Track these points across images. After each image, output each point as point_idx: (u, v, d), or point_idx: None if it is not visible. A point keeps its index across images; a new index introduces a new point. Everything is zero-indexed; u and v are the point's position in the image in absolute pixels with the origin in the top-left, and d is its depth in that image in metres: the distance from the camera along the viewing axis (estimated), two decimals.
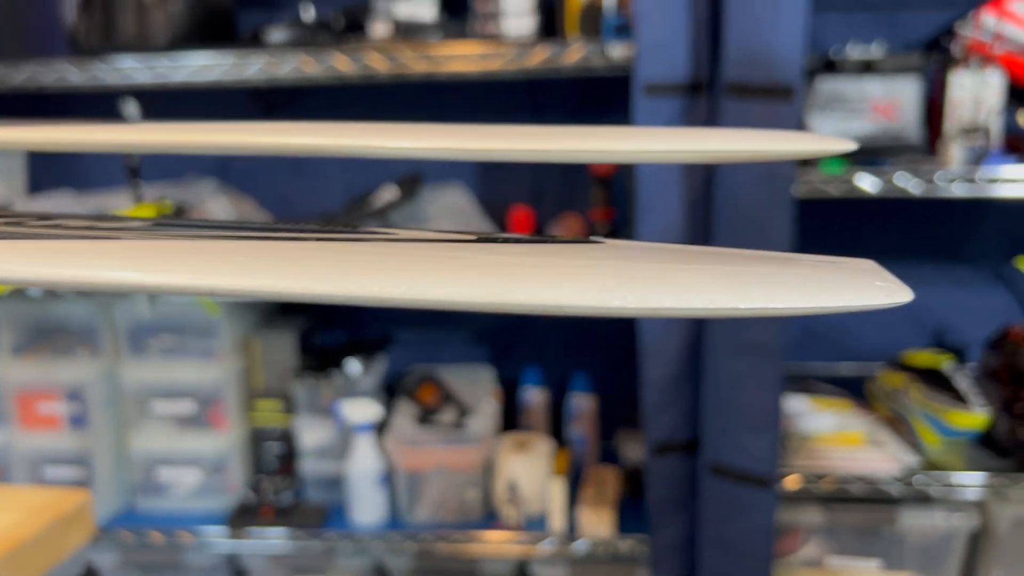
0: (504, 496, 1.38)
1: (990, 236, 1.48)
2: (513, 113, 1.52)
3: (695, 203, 1.19)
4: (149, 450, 1.45)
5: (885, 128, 1.32)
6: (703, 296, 0.17)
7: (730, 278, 0.18)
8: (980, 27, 1.31)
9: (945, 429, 1.26)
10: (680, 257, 0.20)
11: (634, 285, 0.17)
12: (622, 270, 0.18)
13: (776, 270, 0.19)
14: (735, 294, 0.17)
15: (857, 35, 1.40)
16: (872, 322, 1.52)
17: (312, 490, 1.46)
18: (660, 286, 0.17)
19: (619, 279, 0.18)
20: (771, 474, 1.21)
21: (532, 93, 1.52)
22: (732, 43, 1.12)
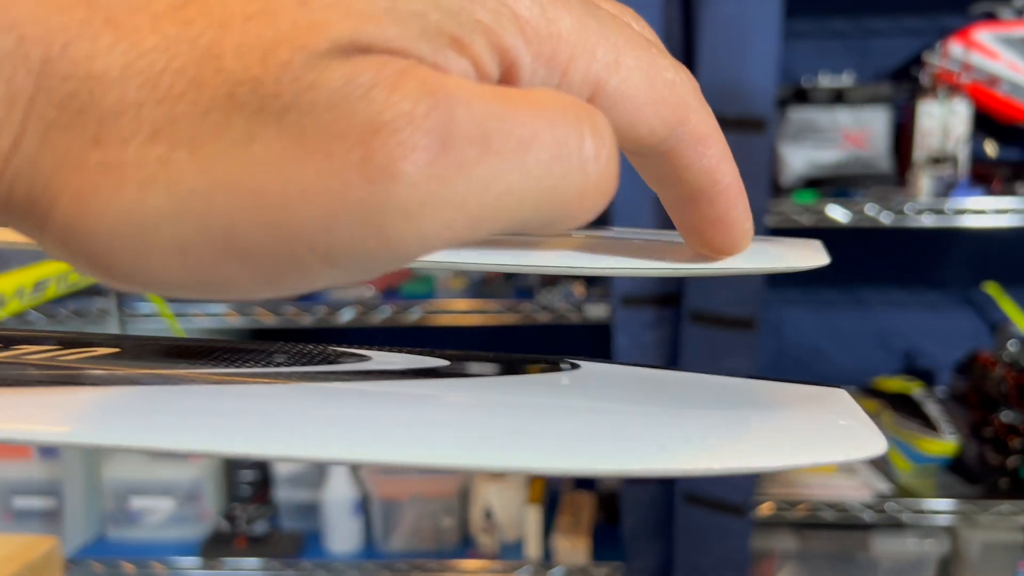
0: (480, 524, 1.38)
1: (959, 262, 1.50)
2: None
3: None
4: (121, 479, 1.43)
5: (856, 157, 1.34)
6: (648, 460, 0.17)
7: (684, 440, 0.18)
8: (948, 57, 1.33)
9: (916, 455, 1.28)
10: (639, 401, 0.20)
11: (587, 446, 0.17)
12: (581, 424, 0.18)
13: (738, 424, 0.19)
14: (689, 457, 0.17)
15: (828, 63, 1.42)
16: (843, 347, 1.54)
17: (287, 518, 1.45)
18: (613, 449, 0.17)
19: (576, 438, 0.18)
20: (745, 502, 1.21)
21: None
22: (705, 77, 1.13)
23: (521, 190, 0.14)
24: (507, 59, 0.15)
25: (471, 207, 0.13)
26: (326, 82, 0.13)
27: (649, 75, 0.17)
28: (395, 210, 0.13)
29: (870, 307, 1.52)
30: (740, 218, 0.20)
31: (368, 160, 0.13)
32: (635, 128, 0.17)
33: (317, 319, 1.33)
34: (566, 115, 0.15)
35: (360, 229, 0.13)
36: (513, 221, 0.14)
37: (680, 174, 0.19)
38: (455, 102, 0.13)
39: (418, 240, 0.13)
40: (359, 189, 0.13)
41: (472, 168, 0.13)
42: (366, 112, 0.13)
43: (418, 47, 0.14)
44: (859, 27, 1.44)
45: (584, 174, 0.15)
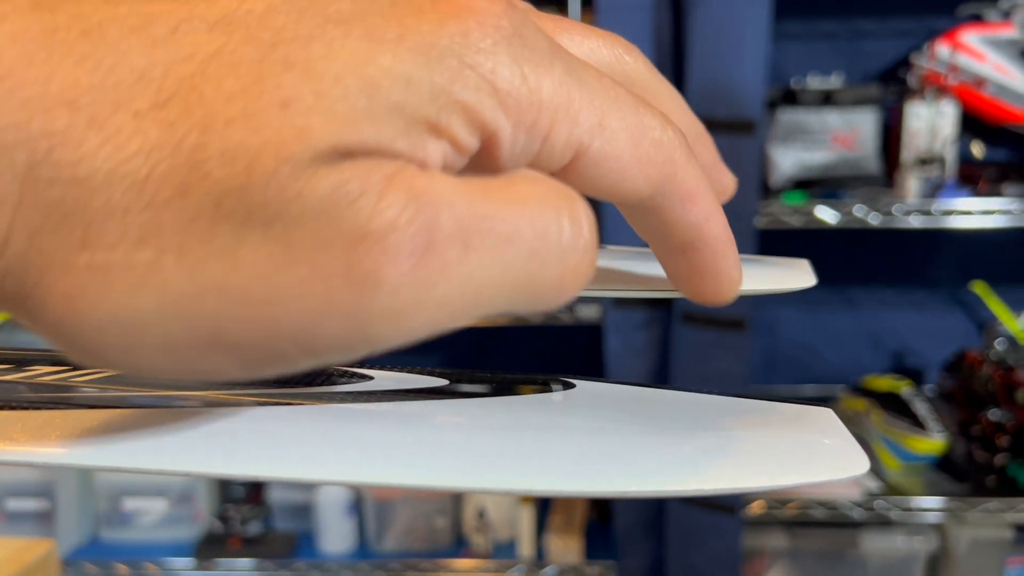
0: (473, 523, 1.39)
1: (948, 261, 1.51)
2: None
3: None
4: (114, 480, 1.43)
5: (844, 158, 1.35)
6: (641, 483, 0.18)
7: (681, 457, 0.19)
8: (935, 58, 1.34)
9: (904, 454, 1.29)
10: (631, 423, 0.20)
11: (581, 468, 0.18)
12: (575, 446, 0.19)
13: (726, 445, 0.20)
14: (680, 479, 0.18)
15: (817, 65, 1.43)
16: (834, 346, 1.55)
17: (280, 519, 1.45)
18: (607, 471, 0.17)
19: (571, 460, 0.18)
20: (736, 500, 1.22)
21: None
22: (695, 79, 1.14)
23: (500, 283, 0.14)
24: (487, 132, 0.15)
25: (452, 303, 0.14)
26: (313, 191, 0.13)
27: (634, 136, 0.17)
28: (379, 313, 0.13)
29: (860, 307, 1.53)
30: (728, 269, 0.20)
31: (353, 268, 0.13)
32: (619, 187, 0.18)
33: None
34: (545, 208, 0.15)
35: (344, 330, 0.14)
36: (492, 310, 0.15)
37: (666, 228, 0.19)
38: (439, 205, 0.14)
39: (399, 336, 0.14)
40: (344, 295, 0.13)
41: (454, 268, 0.14)
42: (353, 221, 0.13)
43: (397, 145, 0.14)
44: (848, 29, 1.45)
45: (562, 263, 0.15)
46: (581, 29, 0.21)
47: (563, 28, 0.20)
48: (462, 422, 0.19)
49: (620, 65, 0.21)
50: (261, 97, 0.13)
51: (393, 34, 0.14)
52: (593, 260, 0.16)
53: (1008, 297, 1.38)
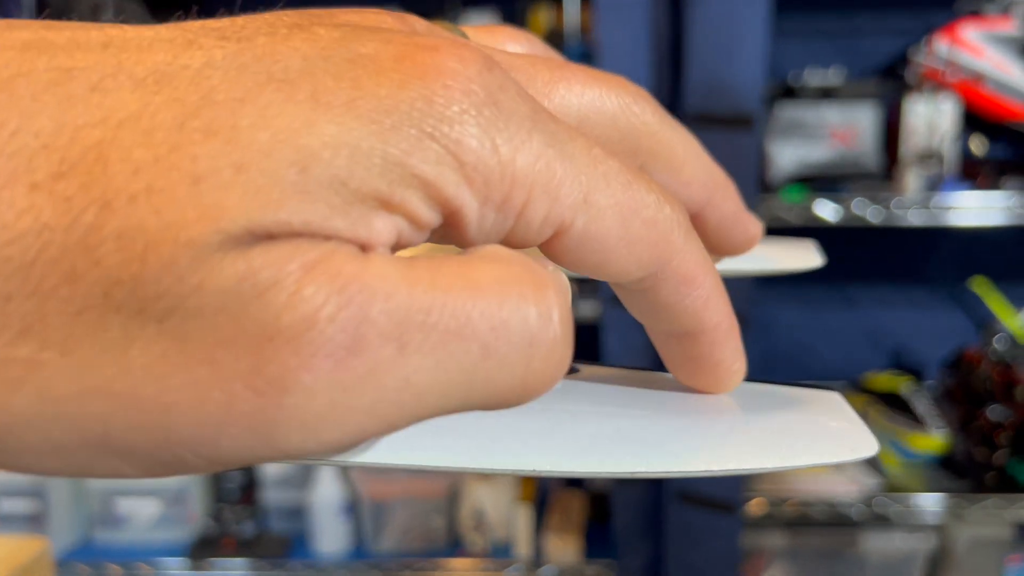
0: (470, 523, 1.38)
1: (947, 258, 1.51)
2: None
3: None
4: (107, 481, 1.42)
5: (843, 154, 1.34)
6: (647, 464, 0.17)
7: (690, 439, 0.18)
8: (933, 54, 1.33)
9: (904, 451, 1.28)
10: (636, 405, 0.20)
11: (588, 449, 0.17)
12: (580, 428, 0.18)
13: (732, 426, 0.19)
14: (686, 460, 0.17)
15: (817, 62, 1.42)
16: (834, 343, 1.54)
17: (275, 520, 1.44)
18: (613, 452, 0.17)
19: (577, 441, 0.18)
20: (736, 499, 1.22)
21: None
22: (694, 75, 1.13)
23: (444, 386, 0.13)
24: (450, 208, 0.14)
25: (384, 411, 0.12)
26: (214, 283, 0.12)
27: (624, 214, 0.15)
28: (287, 424, 0.12)
29: (859, 305, 1.53)
30: (728, 359, 0.19)
31: (258, 371, 0.12)
32: (605, 268, 0.16)
33: None
34: (506, 296, 0.13)
35: (250, 441, 0.12)
36: (439, 413, 0.13)
37: (660, 313, 0.18)
38: (371, 297, 0.12)
39: (319, 448, 0.12)
40: (246, 403, 0.12)
41: (386, 371, 0.12)
42: (259, 317, 0.12)
43: (333, 224, 0.12)
44: (847, 25, 1.44)
45: (526, 362, 0.13)
46: (584, 78, 0.19)
47: (562, 78, 0.18)
48: None
49: (626, 116, 0.19)
50: (171, 171, 0.12)
51: (344, 98, 0.13)
52: (565, 357, 0.14)
53: (1008, 294, 1.38)
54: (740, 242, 0.22)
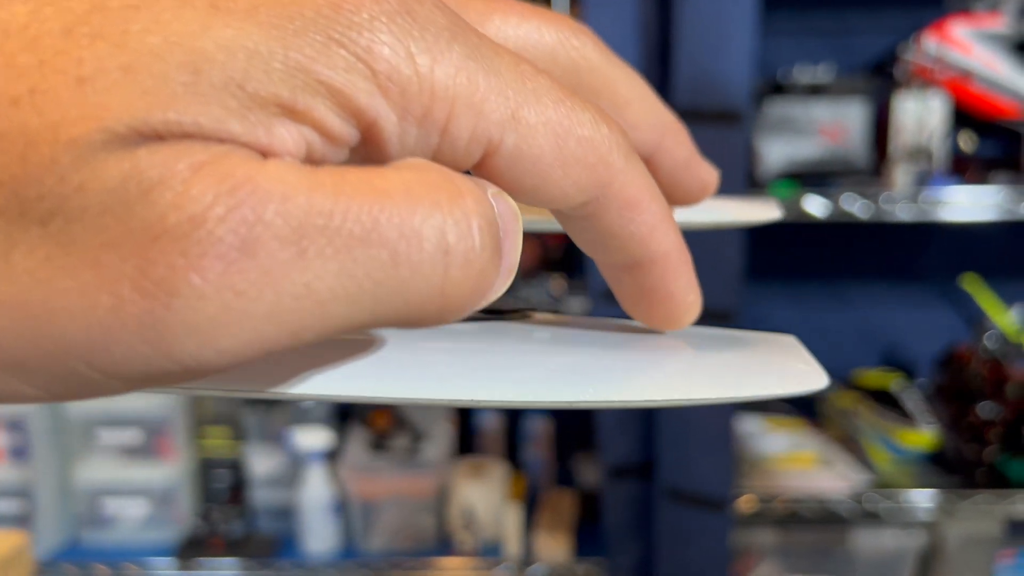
0: (459, 522, 1.37)
1: (937, 256, 1.51)
2: None
3: None
4: (94, 481, 1.41)
5: (832, 151, 1.34)
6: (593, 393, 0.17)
7: (636, 371, 0.18)
8: (922, 51, 1.33)
9: (894, 448, 1.28)
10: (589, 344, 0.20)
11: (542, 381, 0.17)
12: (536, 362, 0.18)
13: (685, 361, 0.19)
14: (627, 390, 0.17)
15: (805, 58, 1.42)
16: (824, 342, 1.54)
17: (263, 520, 1.43)
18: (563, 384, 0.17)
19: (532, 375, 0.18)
20: (725, 496, 1.21)
21: None
22: (683, 70, 1.13)
23: (352, 294, 0.12)
24: (365, 120, 0.13)
25: (286, 318, 0.12)
26: (98, 182, 0.11)
27: (557, 132, 0.15)
28: (180, 328, 0.11)
29: (850, 302, 1.52)
30: (681, 291, 0.18)
31: (144, 272, 0.11)
32: (543, 192, 0.15)
33: None
34: (418, 202, 0.13)
35: (142, 348, 0.11)
36: (349, 325, 0.13)
37: (606, 242, 0.17)
38: (266, 198, 0.11)
39: (218, 356, 0.12)
40: (134, 305, 0.11)
41: (284, 275, 0.12)
42: (145, 217, 0.11)
43: (228, 127, 0.12)
44: (836, 22, 1.45)
45: (444, 271, 0.13)
46: (521, 10, 0.18)
47: (498, 9, 0.18)
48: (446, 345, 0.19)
49: (565, 50, 0.18)
50: (56, 73, 0.11)
51: (244, 4, 0.12)
52: (487, 270, 0.13)
53: (998, 291, 1.38)
54: (694, 189, 0.21)
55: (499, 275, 0.14)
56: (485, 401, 0.16)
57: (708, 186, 0.21)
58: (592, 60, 0.19)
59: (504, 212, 0.14)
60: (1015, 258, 1.50)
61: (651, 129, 0.20)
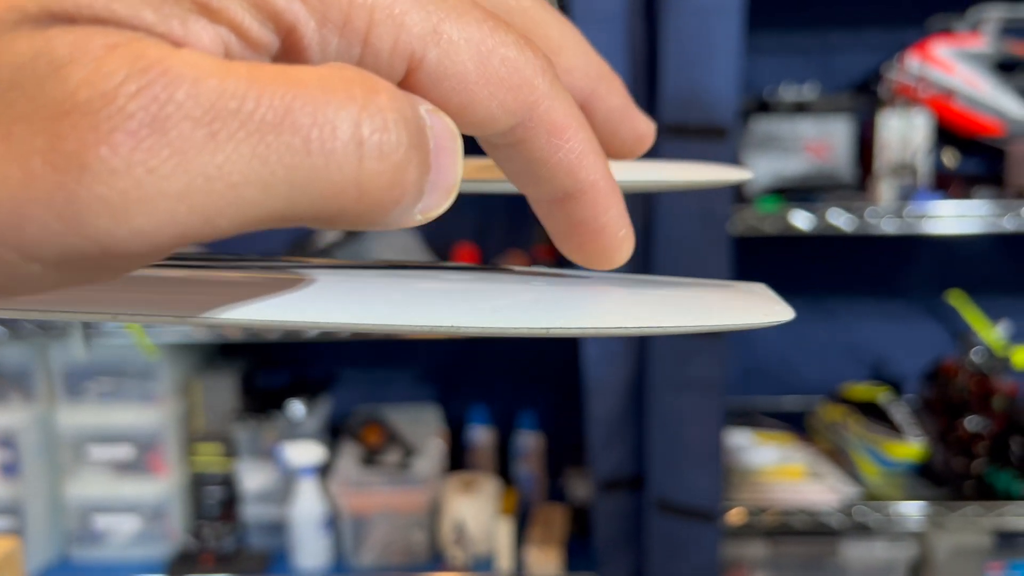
0: (451, 537, 1.37)
1: (922, 271, 1.52)
2: None
3: None
4: (85, 497, 1.41)
5: (818, 167, 1.36)
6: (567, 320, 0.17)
7: (623, 302, 0.19)
8: (905, 70, 1.36)
9: (883, 460, 1.29)
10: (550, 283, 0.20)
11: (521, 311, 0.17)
12: (517, 297, 0.18)
13: (670, 295, 0.20)
14: (625, 317, 0.18)
15: (790, 77, 1.44)
16: (812, 356, 1.55)
17: (254, 535, 1.43)
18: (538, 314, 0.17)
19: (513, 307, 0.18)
20: (715, 508, 1.22)
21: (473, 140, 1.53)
22: (669, 87, 1.15)
23: (265, 180, 0.12)
24: (283, 24, 0.13)
25: (198, 199, 0.12)
26: (9, 58, 0.11)
27: (480, 51, 0.15)
28: (92, 204, 0.11)
29: (837, 318, 1.54)
30: (612, 224, 0.18)
31: (54, 147, 0.11)
32: (468, 113, 0.15)
33: (284, 333, 1.32)
34: (333, 94, 0.13)
35: (57, 225, 0.11)
36: (266, 214, 0.12)
37: (535, 170, 0.17)
38: (177, 79, 0.11)
39: (132, 237, 0.12)
40: (46, 179, 0.11)
41: (195, 156, 0.12)
42: (56, 92, 0.11)
43: (142, 15, 0.12)
44: (820, 42, 1.47)
45: (358, 162, 0.13)
46: None
47: None
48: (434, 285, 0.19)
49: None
50: None
51: None
52: (405, 163, 0.13)
53: (983, 305, 1.39)
54: (629, 139, 0.21)
55: (428, 184, 0.14)
56: (466, 327, 0.16)
57: (644, 137, 0.21)
58: (523, 2, 0.19)
59: (438, 128, 0.14)
60: (999, 273, 1.52)
61: (584, 76, 0.20)
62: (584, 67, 0.20)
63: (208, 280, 0.18)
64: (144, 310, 0.16)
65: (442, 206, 0.15)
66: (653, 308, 0.18)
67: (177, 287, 0.17)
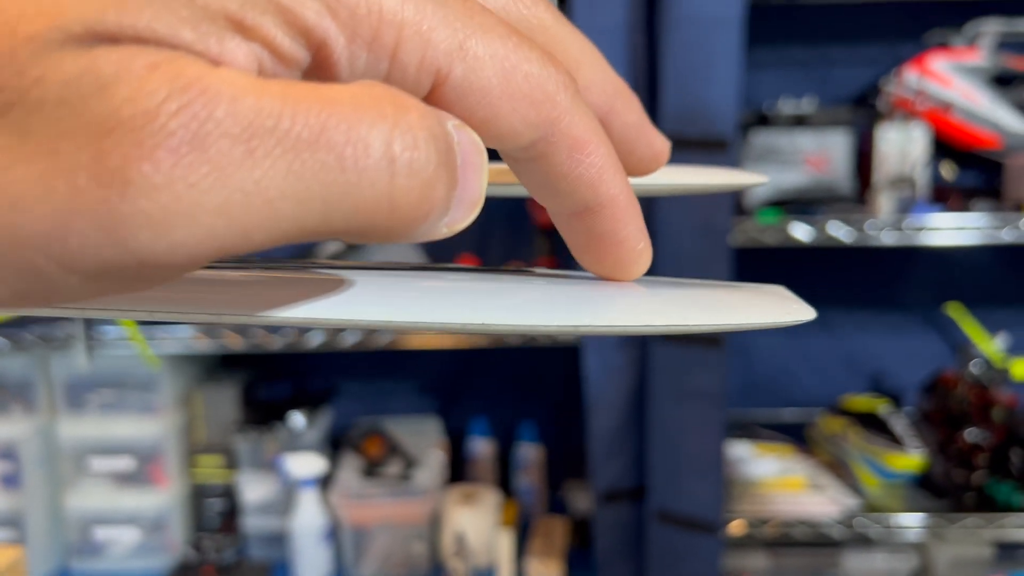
0: (451, 549, 1.37)
1: (921, 283, 1.53)
2: None
3: None
4: (85, 509, 1.41)
5: (817, 180, 1.37)
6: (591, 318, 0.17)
7: (648, 302, 0.19)
8: (903, 84, 1.37)
9: (883, 471, 1.29)
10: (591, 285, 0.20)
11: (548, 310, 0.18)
12: (545, 296, 0.19)
13: (692, 294, 0.20)
14: (653, 315, 0.18)
15: (789, 91, 1.45)
16: (812, 369, 1.55)
17: (255, 547, 1.43)
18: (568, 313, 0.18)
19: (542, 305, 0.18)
20: (716, 520, 1.22)
21: None
22: (670, 99, 1.15)
23: (300, 196, 0.12)
24: (314, 41, 0.14)
25: (236, 214, 0.12)
26: (56, 75, 0.12)
27: (505, 67, 0.15)
28: (134, 218, 0.12)
29: (836, 330, 1.54)
30: (632, 237, 0.18)
31: (100, 161, 0.12)
32: (491, 126, 0.16)
33: (287, 343, 1.32)
34: (365, 112, 0.13)
35: (98, 238, 0.12)
36: (301, 229, 0.13)
37: (555, 184, 0.17)
38: (217, 97, 0.12)
39: (171, 250, 0.12)
40: (90, 194, 0.12)
41: (233, 172, 0.12)
42: (101, 109, 0.12)
43: (180, 34, 0.12)
44: (819, 56, 1.48)
45: (390, 179, 0.13)
46: None
47: None
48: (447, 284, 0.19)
49: (517, 8, 0.19)
50: None
51: None
52: (435, 180, 0.14)
53: (981, 317, 1.40)
54: (646, 156, 0.21)
55: (455, 199, 0.14)
56: (495, 325, 0.16)
57: (660, 155, 0.21)
58: (544, 20, 0.19)
59: (465, 143, 0.14)
60: (997, 285, 1.52)
61: (602, 92, 0.20)
62: (602, 83, 0.20)
63: (252, 281, 0.18)
64: (189, 307, 0.16)
65: (467, 219, 0.15)
66: (679, 307, 0.18)
67: (224, 287, 0.17)
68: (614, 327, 0.17)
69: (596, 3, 1.15)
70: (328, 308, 0.16)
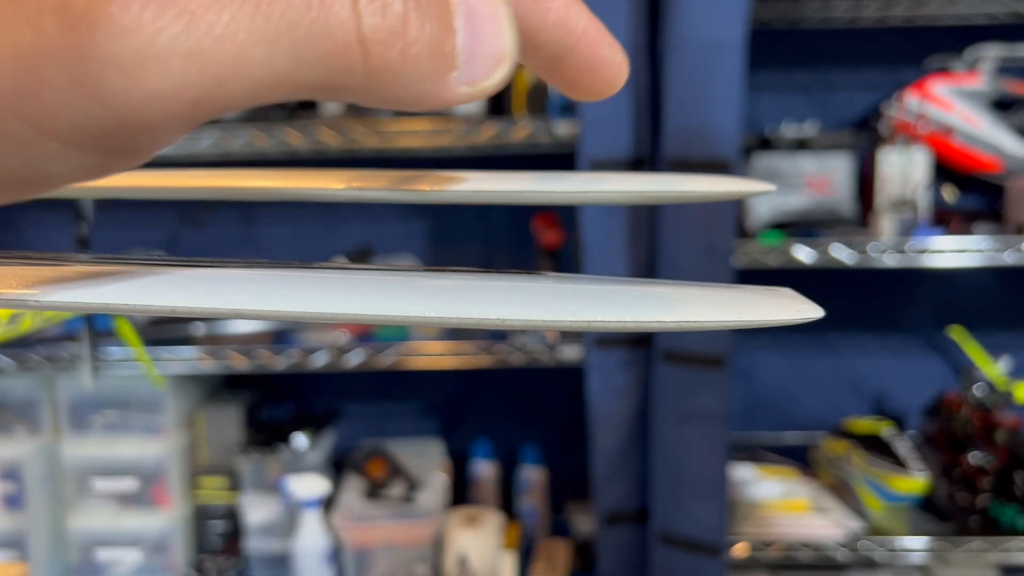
0: (454, 571, 1.36)
1: (924, 306, 1.53)
2: None
3: (638, 275, 1.22)
4: (88, 530, 1.40)
5: (819, 202, 1.38)
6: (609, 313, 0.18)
7: (661, 299, 0.19)
8: (904, 108, 1.38)
9: (887, 494, 1.29)
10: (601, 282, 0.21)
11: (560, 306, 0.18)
12: (554, 293, 0.19)
13: (703, 293, 0.20)
14: (663, 310, 0.18)
15: (791, 115, 1.47)
16: (815, 391, 1.55)
17: (257, 569, 1.42)
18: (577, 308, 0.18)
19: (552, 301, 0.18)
20: (720, 542, 1.21)
21: (481, 168, 1.55)
22: (672, 121, 1.16)
23: (270, 37, 0.12)
24: None
25: (209, 60, 0.12)
26: None
27: None
28: (105, 62, 0.11)
29: (839, 352, 1.54)
30: (610, 53, 0.19)
31: (65, 4, 0.11)
32: None
33: (291, 363, 1.33)
34: None
35: (71, 88, 0.11)
36: (275, 75, 0.13)
37: (534, 39, 0.18)
38: None
39: (146, 99, 0.12)
40: (58, 39, 0.11)
41: (202, 14, 0.12)
42: None
43: None
44: (820, 80, 1.50)
45: (356, 17, 0.13)
46: None
47: None
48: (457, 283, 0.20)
49: None
50: None
51: None
52: (406, 20, 0.13)
53: (983, 340, 1.40)
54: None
55: (462, 51, 0.14)
56: (511, 320, 0.17)
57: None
58: None
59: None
60: (999, 307, 1.53)
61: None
62: None
63: None
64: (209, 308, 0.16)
65: (490, 76, 0.14)
66: (689, 304, 0.19)
67: None
68: (624, 323, 0.18)
69: None
70: (329, 305, 0.17)
